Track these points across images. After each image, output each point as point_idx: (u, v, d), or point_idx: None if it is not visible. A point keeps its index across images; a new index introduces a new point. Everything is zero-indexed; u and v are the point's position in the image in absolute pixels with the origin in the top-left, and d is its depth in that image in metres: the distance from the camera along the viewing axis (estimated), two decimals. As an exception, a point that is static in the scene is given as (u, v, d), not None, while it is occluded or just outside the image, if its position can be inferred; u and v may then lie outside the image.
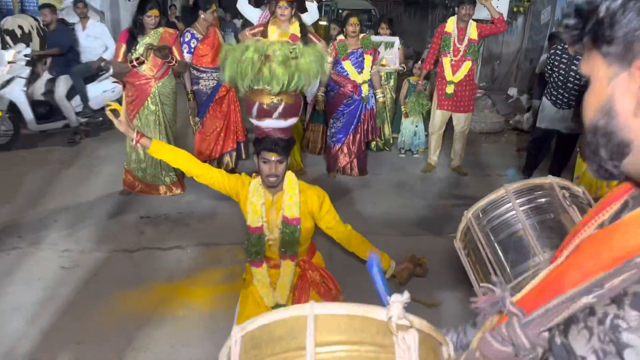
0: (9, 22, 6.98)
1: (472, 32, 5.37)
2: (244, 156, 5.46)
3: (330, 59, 4.92)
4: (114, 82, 6.54)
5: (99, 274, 3.55)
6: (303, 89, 3.54)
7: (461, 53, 5.35)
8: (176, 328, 3.01)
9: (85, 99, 6.33)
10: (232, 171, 5.36)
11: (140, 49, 4.41)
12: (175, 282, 3.48)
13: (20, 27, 6.96)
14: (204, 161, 5.12)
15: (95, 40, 6.59)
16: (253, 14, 5.71)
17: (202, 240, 4.06)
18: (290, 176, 2.61)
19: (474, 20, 5.44)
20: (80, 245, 3.92)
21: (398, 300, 0.74)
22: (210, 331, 2.98)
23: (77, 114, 6.30)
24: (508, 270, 1.56)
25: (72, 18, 7.08)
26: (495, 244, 1.64)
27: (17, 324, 2.98)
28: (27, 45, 6.41)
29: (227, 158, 5.31)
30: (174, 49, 4.55)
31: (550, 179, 1.70)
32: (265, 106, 3.18)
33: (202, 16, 4.86)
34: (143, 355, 2.78)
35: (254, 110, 3.26)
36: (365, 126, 5.51)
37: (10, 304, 3.16)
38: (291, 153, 2.65)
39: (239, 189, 2.59)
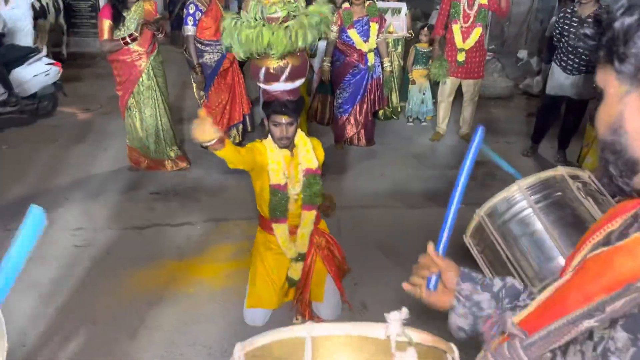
0: None
1: None
2: (249, 129, 5.44)
3: (333, 20, 4.78)
4: (48, 63, 6.04)
5: (112, 252, 3.61)
6: (307, 45, 3.44)
7: (471, 19, 5.22)
8: (188, 306, 3.07)
9: (8, 86, 5.61)
10: (239, 144, 5.39)
11: (131, 25, 4.34)
12: (185, 259, 3.53)
13: None
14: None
15: (21, 15, 6.06)
16: None
17: (212, 216, 4.09)
18: (298, 132, 2.66)
19: None
20: (92, 223, 3.97)
21: (396, 319, 0.75)
22: (222, 308, 3.04)
23: (2, 104, 5.62)
24: (533, 272, 1.51)
25: None
26: (515, 245, 1.59)
27: (31, 302, 3.05)
28: None
29: (234, 131, 5.30)
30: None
31: (560, 170, 1.66)
32: (272, 70, 3.14)
33: None
34: (156, 333, 2.85)
35: (261, 74, 3.23)
36: (372, 96, 5.45)
37: (24, 283, 3.22)
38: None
39: (256, 157, 2.59)
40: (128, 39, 4.34)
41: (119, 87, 4.57)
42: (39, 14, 7.40)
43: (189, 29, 4.80)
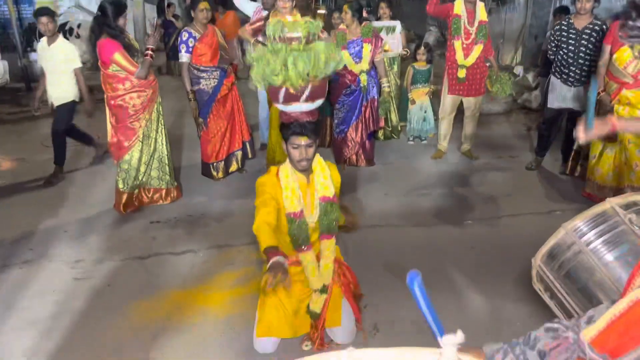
0: None
1: (482, 13, 5.24)
2: (250, 155, 5.39)
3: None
4: None
5: (112, 283, 3.51)
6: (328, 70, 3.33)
7: (472, 36, 5.22)
8: (193, 336, 2.96)
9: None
10: (239, 171, 5.32)
11: (135, 44, 4.35)
12: (189, 288, 3.42)
13: None
14: (211, 163, 5.09)
15: None
16: (250, 8, 5.62)
17: (214, 243, 4.00)
18: (316, 156, 2.60)
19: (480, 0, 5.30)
20: (92, 255, 3.87)
21: (451, 343, 0.67)
22: (228, 338, 2.92)
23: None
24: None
25: None
26: (578, 291, 1.48)
27: (30, 339, 2.94)
28: None
29: (233, 159, 5.25)
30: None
31: (609, 203, 1.55)
32: (292, 91, 3.08)
33: (193, 15, 4.78)
34: (161, 366, 2.74)
35: (281, 95, 3.15)
36: (367, 116, 5.40)
37: (24, 320, 3.12)
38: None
39: (272, 192, 2.50)
40: (151, 52, 4.27)
41: (131, 119, 4.34)
42: None
43: (182, 56, 4.78)
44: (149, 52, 4.27)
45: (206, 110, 4.93)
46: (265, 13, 5.31)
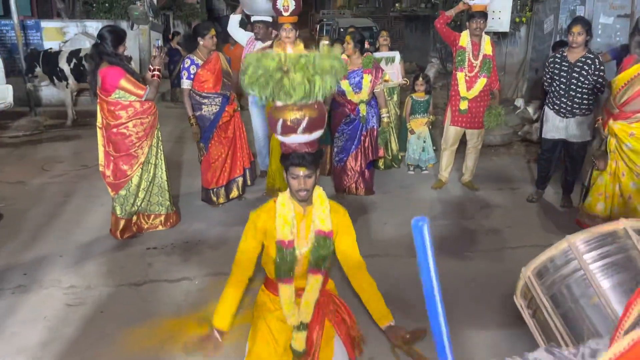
0: None
1: (487, 47, 5.28)
2: (249, 182, 5.38)
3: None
4: None
5: (106, 310, 3.45)
6: (328, 91, 3.30)
7: (476, 69, 5.26)
8: (185, 366, 2.89)
9: None
10: (239, 197, 5.30)
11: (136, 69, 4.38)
12: (183, 317, 3.36)
13: None
14: (211, 188, 5.07)
15: None
16: (244, 37, 5.70)
17: (210, 270, 3.95)
18: (318, 189, 2.58)
19: (486, 34, 5.35)
20: (86, 280, 3.82)
21: None
22: (221, 368, 2.85)
23: None
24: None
25: None
26: (564, 314, 1.33)
27: (21, 367, 2.88)
28: None
29: (234, 185, 5.24)
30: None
31: (622, 223, 1.40)
32: (289, 122, 3.06)
33: (201, 42, 4.82)
34: (151, 397, 2.66)
35: (278, 127, 3.14)
36: (366, 145, 5.41)
37: (14, 346, 3.06)
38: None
39: (259, 226, 2.51)
40: (157, 72, 4.30)
41: (134, 147, 4.29)
42: None
43: (183, 83, 4.85)
44: (156, 72, 4.30)
45: (207, 136, 4.94)
46: (258, 43, 5.39)
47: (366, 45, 5.62)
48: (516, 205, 5.32)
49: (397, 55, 6.44)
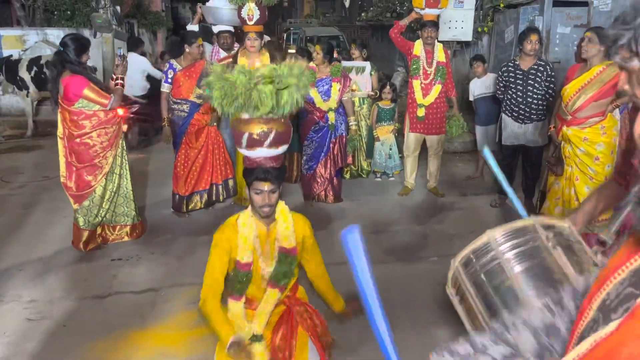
0: None
1: (440, 54, 5.43)
2: (221, 198, 5.26)
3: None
4: None
5: (68, 324, 3.37)
6: (295, 105, 3.29)
7: (431, 77, 5.39)
8: (151, 378, 2.85)
9: None
10: (206, 207, 5.21)
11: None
12: (149, 328, 3.31)
13: None
14: (180, 194, 5.00)
15: None
16: (207, 48, 5.75)
17: (177, 281, 3.91)
18: (281, 204, 2.54)
19: (438, 42, 5.50)
20: (48, 294, 3.72)
21: None
22: (188, 379, 2.82)
23: None
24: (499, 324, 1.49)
25: None
26: (485, 296, 1.57)
27: (-22, 386, 2.79)
28: None
29: (196, 197, 5.15)
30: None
31: (532, 220, 1.66)
32: (255, 135, 3.06)
33: (187, 50, 4.84)
34: (116, 411, 2.61)
35: (244, 140, 3.13)
36: (335, 152, 5.46)
37: (-29, 364, 2.96)
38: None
39: (224, 246, 2.44)
40: (120, 81, 4.23)
41: (99, 158, 4.22)
42: None
43: (163, 86, 4.92)
44: (119, 81, 4.25)
45: (177, 141, 4.98)
46: (222, 52, 5.42)
47: (335, 55, 5.69)
48: (480, 211, 5.43)
49: (367, 65, 6.53)
